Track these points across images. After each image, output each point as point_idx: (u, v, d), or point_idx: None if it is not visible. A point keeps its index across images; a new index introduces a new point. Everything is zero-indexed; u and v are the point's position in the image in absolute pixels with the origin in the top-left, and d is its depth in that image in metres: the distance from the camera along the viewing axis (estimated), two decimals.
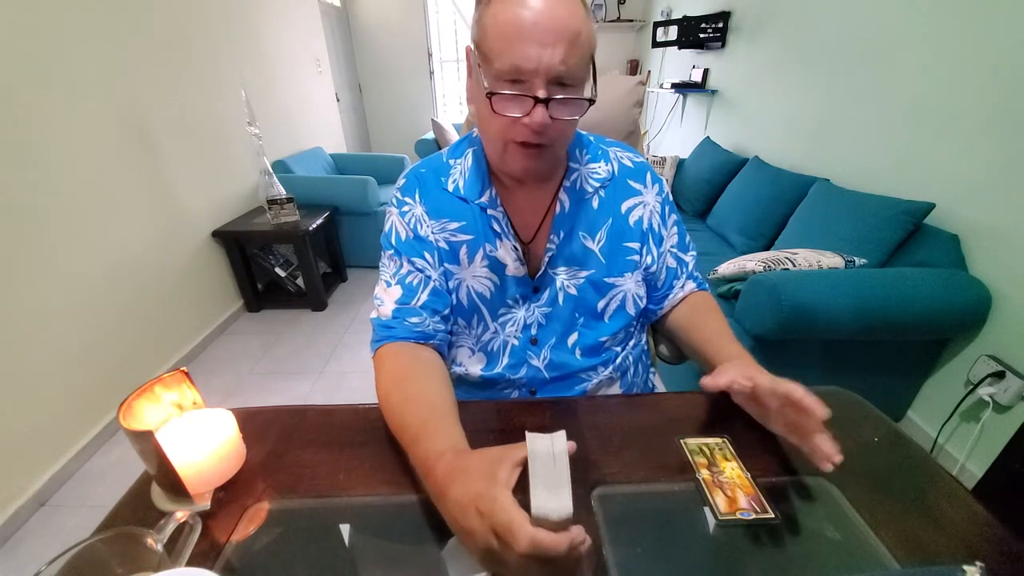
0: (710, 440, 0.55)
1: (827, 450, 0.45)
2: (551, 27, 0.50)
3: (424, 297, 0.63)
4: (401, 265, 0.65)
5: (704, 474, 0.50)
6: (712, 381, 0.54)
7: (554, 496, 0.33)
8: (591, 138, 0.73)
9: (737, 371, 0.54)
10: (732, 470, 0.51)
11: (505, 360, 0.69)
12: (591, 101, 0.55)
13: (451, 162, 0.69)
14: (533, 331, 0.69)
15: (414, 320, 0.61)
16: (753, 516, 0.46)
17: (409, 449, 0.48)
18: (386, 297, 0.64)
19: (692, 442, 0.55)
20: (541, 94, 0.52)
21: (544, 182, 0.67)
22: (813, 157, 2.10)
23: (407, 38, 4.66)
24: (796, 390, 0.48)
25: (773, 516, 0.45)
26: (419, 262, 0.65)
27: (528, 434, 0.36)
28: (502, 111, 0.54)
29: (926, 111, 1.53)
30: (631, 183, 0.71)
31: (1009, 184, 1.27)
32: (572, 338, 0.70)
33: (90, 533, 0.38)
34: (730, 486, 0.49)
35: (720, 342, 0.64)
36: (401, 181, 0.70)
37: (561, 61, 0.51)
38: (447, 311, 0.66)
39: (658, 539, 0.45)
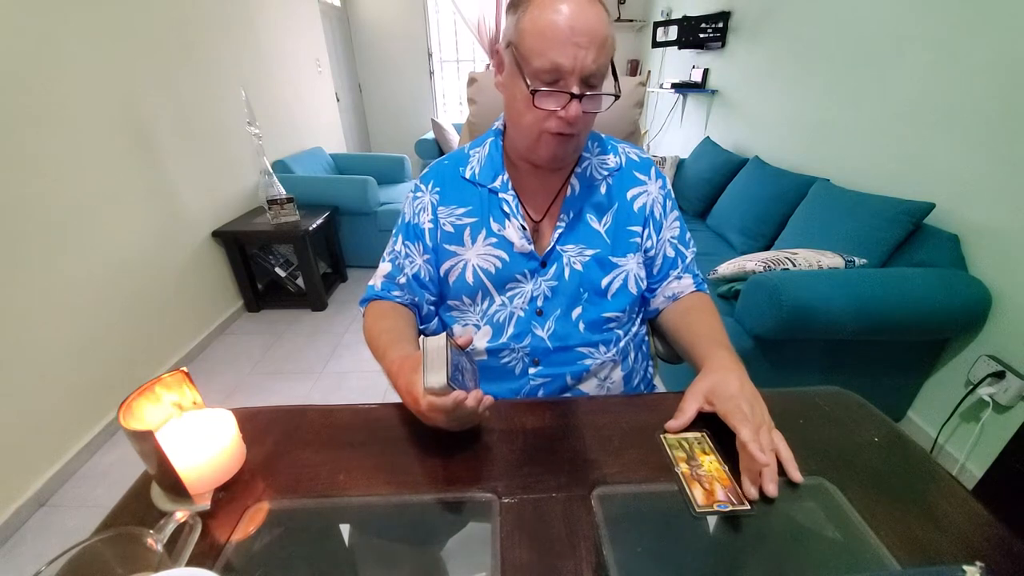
0: (689, 435, 0.55)
1: (748, 491, 0.47)
2: (585, 32, 0.56)
3: (408, 275, 0.75)
4: (396, 243, 0.77)
5: (683, 468, 0.51)
6: (675, 424, 0.56)
7: (435, 375, 0.47)
8: (602, 135, 0.79)
9: (698, 399, 0.57)
10: (710, 463, 0.51)
11: (510, 330, 0.73)
12: (616, 96, 0.62)
13: (471, 152, 0.77)
14: (539, 303, 0.72)
15: (396, 293, 0.76)
16: (730, 508, 0.46)
17: (381, 361, 0.63)
18: (379, 271, 0.78)
19: (672, 437, 0.55)
20: (576, 90, 0.58)
21: (560, 168, 0.73)
22: (813, 157, 2.10)
23: (407, 38, 4.66)
24: (744, 432, 0.49)
25: (750, 507, 0.46)
26: (412, 246, 0.76)
27: (421, 338, 0.53)
28: (542, 105, 0.60)
29: (926, 111, 1.53)
30: (637, 174, 0.76)
31: (1009, 184, 1.28)
32: (576, 311, 0.73)
33: (90, 533, 0.38)
34: (708, 479, 0.49)
35: (705, 345, 0.65)
36: (424, 170, 0.79)
37: (593, 62, 0.58)
38: (428, 281, 0.76)
39: (658, 539, 0.45)
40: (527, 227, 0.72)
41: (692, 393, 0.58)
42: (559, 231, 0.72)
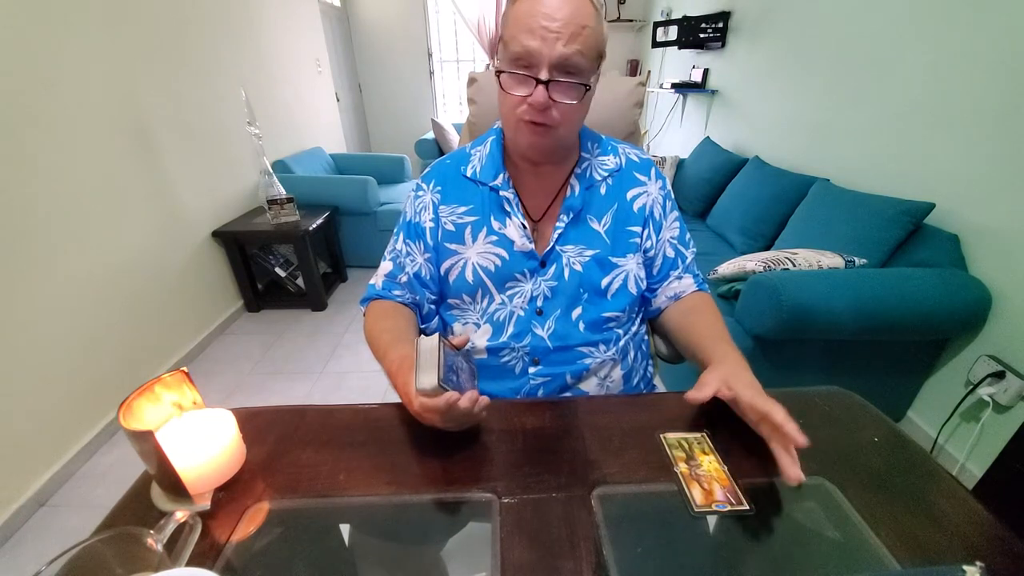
0: (689, 435, 0.55)
1: (792, 474, 0.47)
2: (559, 19, 0.57)
3: (409, 274, 0.75)
4: (397, 242, 0.77)
5: (682, 468, 0.51)
6: (695, 395, 0.55)
7: (426, 376, 0.47)
8: (602, 136, 0.80)
9: (718, 380, 0.55)
10: (710, 463, 0.51)
11: (510, 329, 0.73)
12: (587, 87, 0.62)
13: (472, 151, 0.78)
14: (539, 303, 0.73)
15: (397, 292, 0.76)
16: (728, 508, 0.46)
17: (382, 361, 0.63)
18: (380, 270, 0.78)
19: (671, 437, 0.55)
20: (543, 76, 0.59)
21: (555, 166, 0.74)
22: (813, 157, 2.10)
23: (407, 38, 4.65)
24: (777, 413, 0.49)
25: (748, 508, 0.46)
26: (413, 244, 0.76)
27: (416, 339, 0.52)
28: (508, 89, 0.62)
29: (926, 111, 1.53)
30: (636, 175, 0.77)
31: (1009, 184, 1.27)
32: (576, 312, 0.73)
33: (90, 533, 0.38)
34: (707, 479, 0.49)
35: (711, 343, 0.65)
36: (426, 170, 0.80)
37: (565, 47, 0.58)
38: (428, 279, 0.76)
39: (658, 539, 0.45)
40: (527, 226, 0.72)
41: (711, 374, 0.57)
42: (558, 231, 0.72)
